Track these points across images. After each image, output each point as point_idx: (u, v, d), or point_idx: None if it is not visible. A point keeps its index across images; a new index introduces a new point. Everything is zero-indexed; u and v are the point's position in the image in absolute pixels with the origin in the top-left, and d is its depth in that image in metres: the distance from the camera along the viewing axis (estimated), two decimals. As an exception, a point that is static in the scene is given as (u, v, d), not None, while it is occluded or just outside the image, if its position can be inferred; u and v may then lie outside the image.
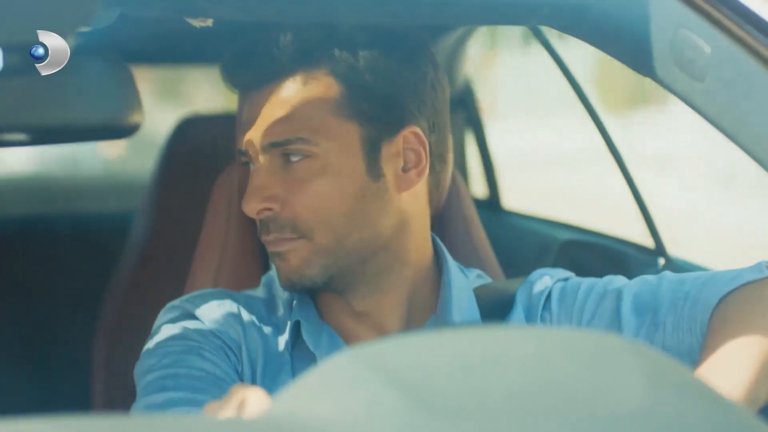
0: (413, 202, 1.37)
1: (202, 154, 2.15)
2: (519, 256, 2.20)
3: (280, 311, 1.40)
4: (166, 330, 1.36)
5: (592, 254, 2.09)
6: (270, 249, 1.35)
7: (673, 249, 2.01)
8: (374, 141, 1.33)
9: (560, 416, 0.73)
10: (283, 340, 1.38)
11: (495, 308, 1.40)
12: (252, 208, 1.32)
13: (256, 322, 1.38)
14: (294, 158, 1.32)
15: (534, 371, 0.78)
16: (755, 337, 1.17)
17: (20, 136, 1.19)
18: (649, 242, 2.03)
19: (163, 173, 2.26)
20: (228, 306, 1.38)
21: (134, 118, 1.20)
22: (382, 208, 1.34)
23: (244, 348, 1.36)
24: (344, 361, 0.80)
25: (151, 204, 2.26)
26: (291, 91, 1.33)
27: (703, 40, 1.21)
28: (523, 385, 0.76)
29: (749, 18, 1.20)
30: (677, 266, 1.96)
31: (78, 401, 2.30)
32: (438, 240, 1.43)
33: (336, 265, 1.33)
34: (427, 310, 1.39)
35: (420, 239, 1.39)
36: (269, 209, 1.32)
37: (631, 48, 1.29)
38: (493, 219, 2.39)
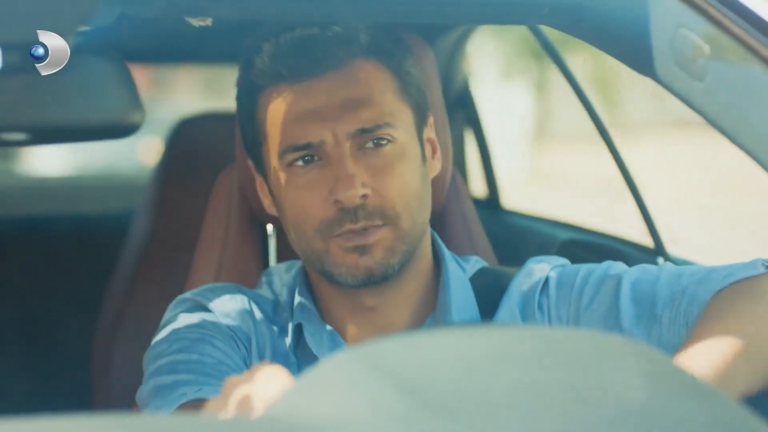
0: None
1: (202, 153, 2.15)
2: (519, 255, 2.20)
3: (283, 312, 1.40)
4: (176, 320, 1.36)
5: (591, 253, 2.08)
6: (353, 242, 1.30)
7: (673, 248, 2.02)
8: (420, 126, 1.38)
9: (561, 415, 0.73)
10: (286, 342, 1.38)
11: (492, 294, 1.40)
12: (354, 194, 1.28)
13: (265, 320, 1.38)
14: (378, 143, 1.31)
15: (535, 371, 0.78)
16: (737, 326, 1.18)
17: (20, 136, 1.19)
18: (648, 241, 2.03)
19: (164, 172, 2.26)
20: (239, 300, 1.38)
21: (134, 118, 1.20)
22: (428, 193, 1.37)
23: (254, 341, 1.36)
24: (345, 361, 0.80)
25: (152, 203, 2.26)
26: (361, 78, 1.32)
27: (703, 40, 1.21)
28: (523, 384, 0.76)
29: (749, 17, 1.20)
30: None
31: (78, 400, 2.30)
32: (435, 234, 1.43)
33: (409, 251, 1.33)
34: (427, 308, 1.39)
35: (428, 230, 1.40)
36: (365, 196, 1.29)
37: (631, 47, 1.29)
38: (493, 218, 2.39)
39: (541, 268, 1.40)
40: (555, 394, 0.75)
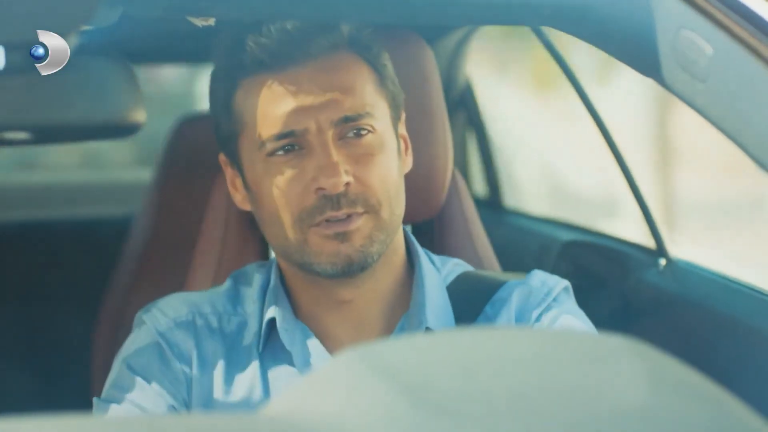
0: None
1: (202, 152, 2.15)
2: (520, 256, 2.20)
3: (249, 307, 1.39)
4: (127, 360, 1.37)
5: (593, 254, 2.09)
6: (334, 230, 1.30)
7: (675, 249, 2.01)
8: (395, 121, 1.39)
9: (562, 417, 0.73)
10: (250, 337, 1.38)
11: (471, 299, 1.40)
12: (338, 181, 1.28)
13: (215, 326, 1.38)
14: (359, 133, 1.32)
15: (535, 372, 0.78)
16: None
17: (22, 135, 1.19)
18: (650, 243, 2.03)
19: (164, 172, 2.26)
20: (184, 318, 1.38)
21: (136, 117, 1.21)
22: (403, 187, 1.38)
23: (195, 359, 1.36)
24: (346, 362, 0.80)
25: (152, 202, 2.27)
26: (343, 68, 1.33)
27: (705, 41, 1.21)
28: (524, 386, 0.76)
29: (751, 18, 1.20)
30: (678, 267, 1.96)
31: (78, 400, 2.30)
32: (409, 233, 1.44)
33: (386, 242, 1.34)
34: (401, 305, 1.39)
35: (401, 227, 1.41)
36: (348, 183, 1.30)
37: (633, 49, 1.29)
38: (495, 219, 2.39)
39: (546, 297, 1.39)
40: (556, 395, 0.75)
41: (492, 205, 2.52)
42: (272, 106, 1.32)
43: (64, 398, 2.38)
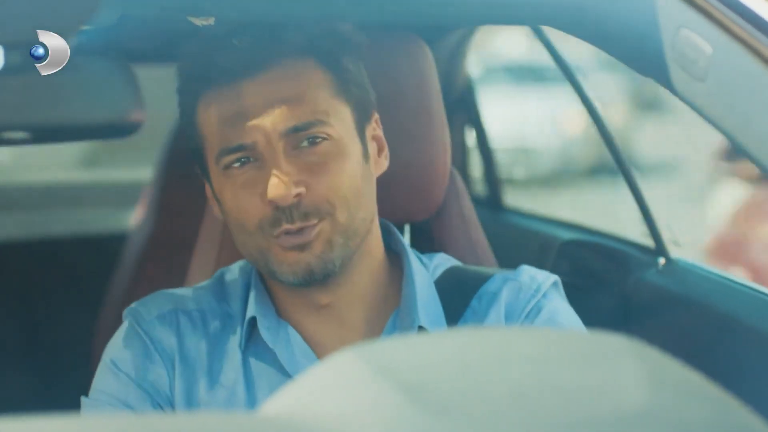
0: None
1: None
2: (519, 255, 2.20)
3: (233, 304, 1.40)
4: (111, 358, 1.39)
5: (592, 254, 2.09)
6: (291, 242, 1.30)
7: (674, 249, 2.02)
8: (361, 124, 1.37)
9: (561, 417, 0.73)
10: (234, 334, 1.38)
11: (458, 293, 1.40)
12: (286, 194, 1.28)
13: (198, 322, 1.39)
14: (314, 141, 1.31)
15: (535, 372, 0.78)
16: None
17: (22, 135, 1.19)
18: (649, 242, 2.03)
19: (164, 172, 2.26)
20: (167, 314, 1.40)
21: (136, 117, 1.21)
22: (372, 191, 1.37)
23: (177, 355, 1.37)
24: (345, 361, 0.80)
25: (152, 203, 2.27)
26: (292, 77, 1.32)
27: (705, 40, 1.21)
28: (524, 385, 0.76)
29: (751, 18, 1.20)
30: (678, 266, 1.96)
31: (78, 400, 2.30)
32: (395, 229, 1.44)
33: (349, 246, 1.33)
34: (389, 305, 1.39)
35: (377, 228, 1.40)
36: (300, 194, 1.29)
37: (633, 48, 1.29)
38: (494, 218, 2.39)
39: (534, 288, 1.39)
40: (555, 395, 0.75)
41: (491, 204, 2.52)
42: (224, 121, 1.32)
43: (64, 398, 2.38)
